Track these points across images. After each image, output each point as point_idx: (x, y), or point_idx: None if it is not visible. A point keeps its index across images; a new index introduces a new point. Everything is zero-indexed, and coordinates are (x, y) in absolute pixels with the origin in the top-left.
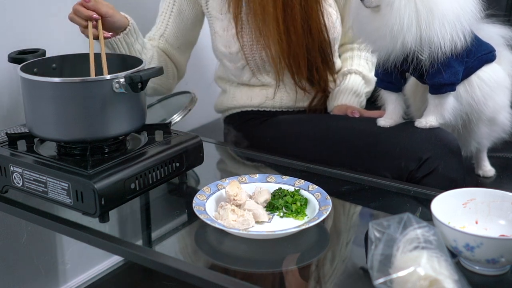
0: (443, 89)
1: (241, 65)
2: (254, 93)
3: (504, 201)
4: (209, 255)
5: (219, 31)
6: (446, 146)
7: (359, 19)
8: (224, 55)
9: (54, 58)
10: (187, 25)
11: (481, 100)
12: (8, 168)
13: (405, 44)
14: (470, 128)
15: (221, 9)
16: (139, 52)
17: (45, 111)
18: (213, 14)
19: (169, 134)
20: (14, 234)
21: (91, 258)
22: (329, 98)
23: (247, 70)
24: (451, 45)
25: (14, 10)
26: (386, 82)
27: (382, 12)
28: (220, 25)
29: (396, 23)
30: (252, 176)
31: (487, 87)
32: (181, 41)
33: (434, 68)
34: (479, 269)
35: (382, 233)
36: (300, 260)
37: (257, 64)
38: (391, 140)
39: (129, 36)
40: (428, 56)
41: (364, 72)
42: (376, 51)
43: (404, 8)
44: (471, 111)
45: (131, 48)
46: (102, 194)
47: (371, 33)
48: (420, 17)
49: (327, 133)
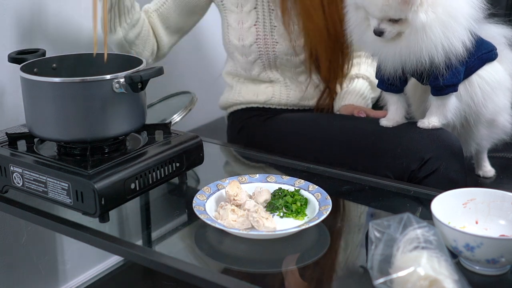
0: (445, 91)
1: (253, 58)
2: (260, 89)
3: (504, 201)
4: (209, 255)
5: (232, 24)
6: (448, 147)
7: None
8: (236, 48)
9: (54, 58)
10: (184, 10)
11: (481, 100)
12: (8, 168)
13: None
14: (470, 129)
15: (238, 3)
16: (128, 9)
17: (45, 111)
18: (228, 7)
19: (169, 134)
20: (14, 234)
21: (91, 258)
22: (336, 98)
23: (258, 64)
24: (463, 47)
25: (14, 10)
26: (387, 85)
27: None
28: (235, 17)
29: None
30: (252, 176)
31: (488, 86)
32: (172, 22)
33: (437, 71)
34: (479, 269)
35: (382, 233)
36: (300, 260)
37: (269, 59)
38: (393, 140)
39: None
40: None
41: (371, 78)
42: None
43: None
44: (470, 112)
45: (121, 1)
46: (102, 194)
47: (384, 54)
48: (446, 28)
49: (330, 131)
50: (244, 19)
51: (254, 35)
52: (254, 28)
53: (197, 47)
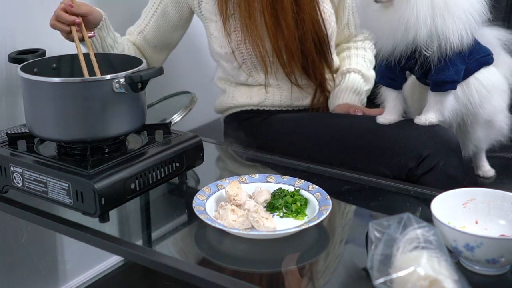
0: (445, 87)
1: (237, 65)
2: (253, 92)
3: (504, 201)
4: (209, 255)
5: (214, 33)
6: (445, 143)
7: (367, 13)
8: (220, 56)
9: (54, 58)
10: (168, 27)
11: (477, 102)
12: (8, 168)
13: (418, 37)
14: (467, 130)
15: (215, 11)
16: (111, 46)
17: (45, 111)
18: (207, 16)
19: (169, 134)
20: (14, 234)
21: (91, 258)
22: (330, 97)
23: (244, 69)
24: (460, 41)
25: (14, 10)
26: (388, 79)
27: (396, 6)
28: (215, 26)
29: (413, 16)
30: (252, 176)
31: (484, 89)
32: (158, 41)
33: (439, 65)
34: (479, 269)
35: (382, 233)
36: (300, 260)
37: (253, 63)
38: (390, 138)
39: (102, 30)
40: (435, 52)
41: (363, 70)
42: (382, 45)
43: (421, 2)
44: (467, 113)
45: (103, 42)
46: (102, 194)
47: (381, 27)
48: (435, 11)
49: (326, 130)
50: (223, 27)
51: (235, 41)
52: (234, 35)
53: (197, 47)
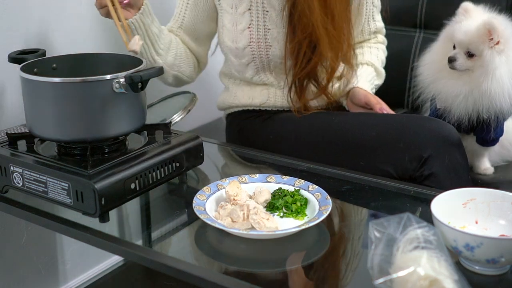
0: (494, 142)
1: (246, 61)
2: (255, 92)
3: (504, 201)
4: (209, 255)
5: (227, 25)
6: (447, 139)
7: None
8: (230, 50)
9: (54, 58)
10: (203, 17)
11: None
12: (8, 168)
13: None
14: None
15: (233, 4)
16: (157, 35)
17: (45, 111)
18: (224, 7)
19: (169, 134)
20: (14, 234)
21: (91, 258)
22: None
23: (252, 67)
24: None
25: (15, 10)
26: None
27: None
28: (230, 19)
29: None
30: (252, 176)
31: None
32: (198, 33)
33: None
34: (479, 269)
35: (382, 233)
36: (300, 260)
37: (262, 62)
38: (394, 136)
39: (145, 16)
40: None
41: (376, 64)
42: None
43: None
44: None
45: (149, 30)
46: (102, 194)
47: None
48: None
49: (329, 129)
50: (238, 20)
51: (248, 38)
52: (248, 31)
53: None
